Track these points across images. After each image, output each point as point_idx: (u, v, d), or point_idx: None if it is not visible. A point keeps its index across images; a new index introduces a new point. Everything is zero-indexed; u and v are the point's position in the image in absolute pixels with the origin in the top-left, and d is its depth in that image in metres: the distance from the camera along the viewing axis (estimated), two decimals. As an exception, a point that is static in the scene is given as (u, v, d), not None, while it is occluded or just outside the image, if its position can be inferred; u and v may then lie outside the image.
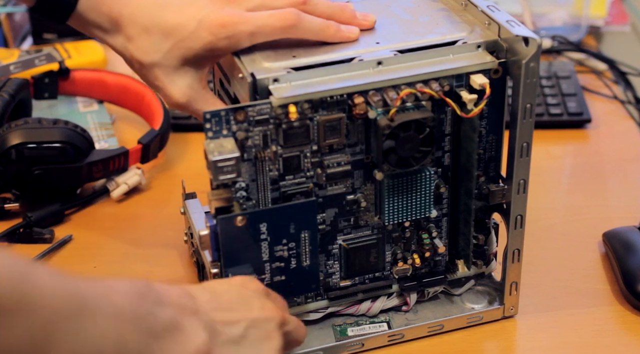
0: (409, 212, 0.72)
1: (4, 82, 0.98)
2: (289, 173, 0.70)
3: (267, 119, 0.67)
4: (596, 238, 0.88)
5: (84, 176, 0.92)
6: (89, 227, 0.92)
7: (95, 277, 0.76)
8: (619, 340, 0.77)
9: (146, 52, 0.72)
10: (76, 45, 1.22)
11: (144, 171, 0.98)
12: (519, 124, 0.70)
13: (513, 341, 0.78)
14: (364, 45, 0.70)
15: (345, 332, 0.76)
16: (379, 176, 0.70)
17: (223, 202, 0.67)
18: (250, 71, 0.67)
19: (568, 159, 1.05)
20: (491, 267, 0.79)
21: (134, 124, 1.08)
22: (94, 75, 1.09)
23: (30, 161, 0.90)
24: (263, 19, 0.69)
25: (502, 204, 0.74)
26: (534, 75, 0.68)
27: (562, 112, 1.08)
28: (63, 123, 0.92)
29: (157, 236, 0.90)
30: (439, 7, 0.76)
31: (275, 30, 0.69)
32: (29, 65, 1.06)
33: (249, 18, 0.69)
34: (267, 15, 0.69)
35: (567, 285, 0.83)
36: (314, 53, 0.69)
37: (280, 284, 0.71)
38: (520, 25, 0.69)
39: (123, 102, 1.08)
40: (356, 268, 0.75)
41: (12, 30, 1.27)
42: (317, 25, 0.70)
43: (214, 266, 0.69)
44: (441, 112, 0.71)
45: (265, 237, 0.69)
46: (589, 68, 1.21)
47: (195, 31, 0.70)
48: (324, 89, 0.66)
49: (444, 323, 0.77)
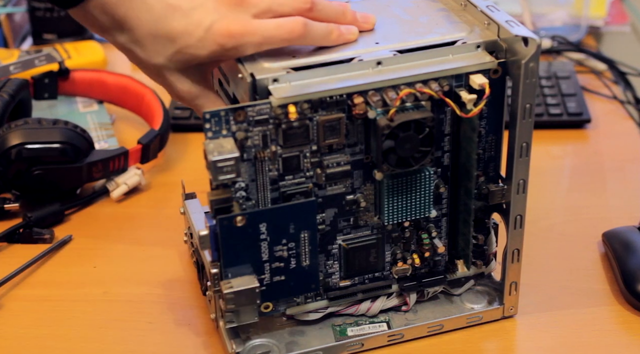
0: (408, 212, 0.72)
1: (4, 83, 0.98)
2: (289, 173, 0.70)
3: (266, 119, 0.67)
4: (596, 238, 0.88)
5: (83, 176, 0.92)
6: (89, 227, 0.92)
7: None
8: (619, 340, 0.77)
9: (151, 55, 0.72)
10: (76, 46, 1.22)
11: (144, 171, 0.98)
12: (519, 124, 0.69)
13: (513, 341, 0.78)
14: (364, 45, 0.70)
15: (345, 332, 0.76)
16: (378, 176, 0.70)
17: (223, 203, 0.67)
18: (250, 71, 0.67)
19: (568, 159, 1.05)
20: (491, 267, 0.79)
21: (133, 124, 1.08)
22: (93, 76, 1.09)
23: (30, 161, 0.90)
24: (270, 30, 0.69)
25: (501, 204, 0.74)
26: (534, 75, 0.68)
27: (562, 112, 1.08)
28: (63, 123, 0.92)
29: (157, 236, 0.90)
30: (438, 7, 0.76)
31: (283, 42, 0.69)
32: (29, 66, 1.06)
33: (255, 28, 0.69)
34: (274, 26, 0.69)
35: (567, 285, 0.83)
36: (313, 53, 0.69)
37: (279, 284, 0.71)
38: (520, 26, 0.69)
39: (123, 103, 1.08)
40: (356, 268, 0.75)
41: (12, 31, 1.27)
42: (322, 32, 0.70)
43: (213, 266, 0.69)
44: (441, 112, 0.71)
45: (265, 237, 0.69)
46: (589, 68, 1.21)
47: (201, 40, 0.69)
48: (323, 89, 0.66)
49: (443, 323, 0.77)
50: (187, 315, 0.80)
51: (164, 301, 0.82)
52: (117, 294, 0.83)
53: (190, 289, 0.83)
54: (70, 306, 0.82)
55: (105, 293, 0.83)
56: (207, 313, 0.80)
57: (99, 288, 0.84)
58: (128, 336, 0.78)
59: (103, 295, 0.83)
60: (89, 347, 0.77)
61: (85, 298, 0.83)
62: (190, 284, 0.84)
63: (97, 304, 0.82)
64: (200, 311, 0.80)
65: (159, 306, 0.81)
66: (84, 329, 0.79)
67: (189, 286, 0.83)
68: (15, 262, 0.85)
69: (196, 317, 0.80)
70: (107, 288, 0.84)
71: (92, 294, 0.83)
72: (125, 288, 0.84)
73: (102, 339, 0.78)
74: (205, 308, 0.80)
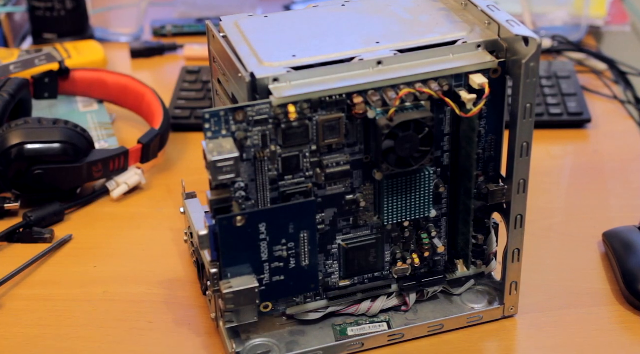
0: (408, 212, 0.72)
1: (4, 82, 0.98)
2: (288, 173, 0.70)
3: (266, 119, 0.67)
4: (596, 238, 0.88)
5: (84, 175, 0.92)
6: (89, 227, 0.92)
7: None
8: (619, 340, 0.77)
9: None
10: (76, 45, 1.22)
11: (144, 170, 0.98)
12: (519, 124, 0.69)
13: (513, 341, 0.78)
14: (364, 44, 0.70)
15: (345, 332, 0.76)
16: (378, 175, 0.70)
17: (222, 203, 0.67)
18: (250, 71, 0.67)
19: (568, 159, 1.05)
20: (491, 267, 0.79)
21: (134, 124, 1.08)
22: (94, 75, 1.09)
23: (30, 160, 0.90)
24: None
25: (502, 204, 0.74)
26: (534, 75, 0.68)
27: (562, 112, 1.08)
28: (63, 123, 0.92)
29: (157, 236, 0.90)
30: (439, 6, 0.76)
31: None
32: (29, 65, 1.06)
33: None
34: None
35: (567, 285, 0.83)
36: (314, 53, 0.69)
37: (279, 284, 0.71)
38: (520, 25, 0.69)
39: (123, 102, 1.08)
40: (355, 267, 0.75)
41: (12, 30, 1.27)
42: None
43: (213, 266, 0.69)
44: (440, 112, 0.71)
45: (265, 237, 0.69)
46: (589, 68, 1.21)
47: None
48: (323, 89, 0.66)
49: (443, 323, 0.77)
50: (187, 315, 0.80)
51: (164, 301, 0.82)
52: (117, 294, 0.83)
53: (190, 289, 0.83)
54: (70, 306, 0.82)
55: (105, 292, 0.83)
56: (207, 313, 0.80)
57: (99, 287, 0.84)
58: (128, 336, 0.78)
59: (103, 295, 0.83)
60: (89, 347, 0.77)
61: (85, 297, 0.83)
62: (190, 284, 0.84)
63: (97, 304, 0.82)
64: (200, 311, 0.80)
65: (159, 306, 0.81)
66: (84, 329, 0.79)
67: (189, 286, 0.83)
68: (15, 262, 0.85)
69: (196, 317, 0.80)
70: (107, 287, 0.84)
71: (92, 294, 0.83)
72: (125, 287, 0.84)
73: (102, 339, 0.78)
74: (205, 307, 0.80)
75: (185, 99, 1.11)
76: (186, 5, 1.39)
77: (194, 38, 1.30)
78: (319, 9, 0.77)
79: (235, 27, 0.74)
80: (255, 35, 0.72)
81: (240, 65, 0.68)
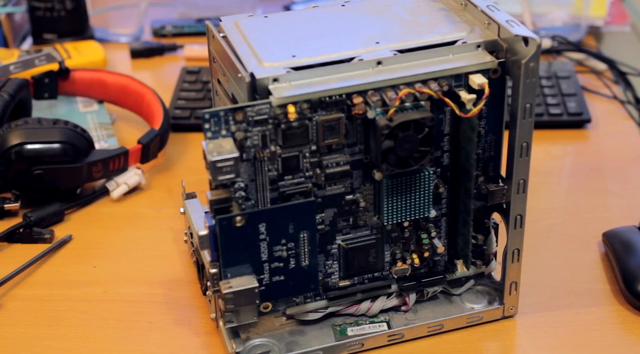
0: (408, 212, 0.72)
1: (4, 82, 0.98)
2: (288, 173, 0.70)
3: (266, 119, 0.67)
4: (596, 238, 0.88)
5: (83, 176, 0.92)
6: (89, 227, 0.92)
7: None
8: (619, 340, 0.77)
9: None
10: (76, 45, 1.22)
11: (144, 171, 0.98)
12: (519, 124, 0.69)
13: (513, 341, 0.78)
14: (364, 45, 0.70)
15: (345, 332, 0.76)
16: (378, 176, 0.70)
17: (222, 203, 0.67)
18: (250, 71, 0.67)
19: (568, 159, 1.05)
20: (491, 267, 0.79)
21: (134, 124, 1.08)
22: (93, 75, 1.09)
23: (30, 160, 0.90)
24: None
25: (502, 204, 0.74)
26: (534, 75, 0.68)
27: (562, 112, 1.08)
28: (63, 123, 0.92)
29: (157, 236, 0.90)
30: (438, 6, 0.76)
31: None
32: (29, 66, 1.06)
33: None
34: None
35: (567, 285, 0.83)
36: (313, 53, 0.69)
37: (279, 284, 0.71)
38: (520, 25, 0.69)
39: (123, 102, 1.08)
40: (355, 268, 0.75)
41: (12, 30, 1.27)
42: None
43: (212, 266, 0.69)
44: (440, 112, 0.71)
45: (264, 237, 0.69)
46: (589, 68, 1.21)
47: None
48: (323, 89, 0.66)
49: (443, 323, 0.77)
50: (187, 315, 0.80)
51: (164, 301, 0.82)
52: (117, 294, 0.83)
53: (190, 289, 0.83)
54: (70, 306, 0.82)
55: (105, 292, 0.83)
56: (207, 313, 0.80)
57: (99, 287, 0.84)
58: (128, 336, 0.78)
59: (103, 295, 0.83)
60: (89, 347, 0.77)
61: (85, 297, 0.83)
62: (190, 284, 0.84)
63: (97, 304, 0.82)
64: (200, 311, 0.80)
65: (159, 306, 0.81)
66: (84, 329, 0.79)
67: (189, 286, 0.83)
68: (15, 262, 0.85)
69: (196, 317, 0.80)
70: (107, 287, 0.84)
71: (92, 294, 0.83)
72: (125, 287, 0.84)
73: (102, 339, 0.78)
74: (205, 307, 0.80)
75: (185, 99, 1.11)
76: (186, 5, 1.39)
77: (194, 38, 1.31)
78: (319, 9, 0.77)
79: (235, 27, 0.74)
80: (255, 35, 0.72)
81: (240, 65, 0.68)
